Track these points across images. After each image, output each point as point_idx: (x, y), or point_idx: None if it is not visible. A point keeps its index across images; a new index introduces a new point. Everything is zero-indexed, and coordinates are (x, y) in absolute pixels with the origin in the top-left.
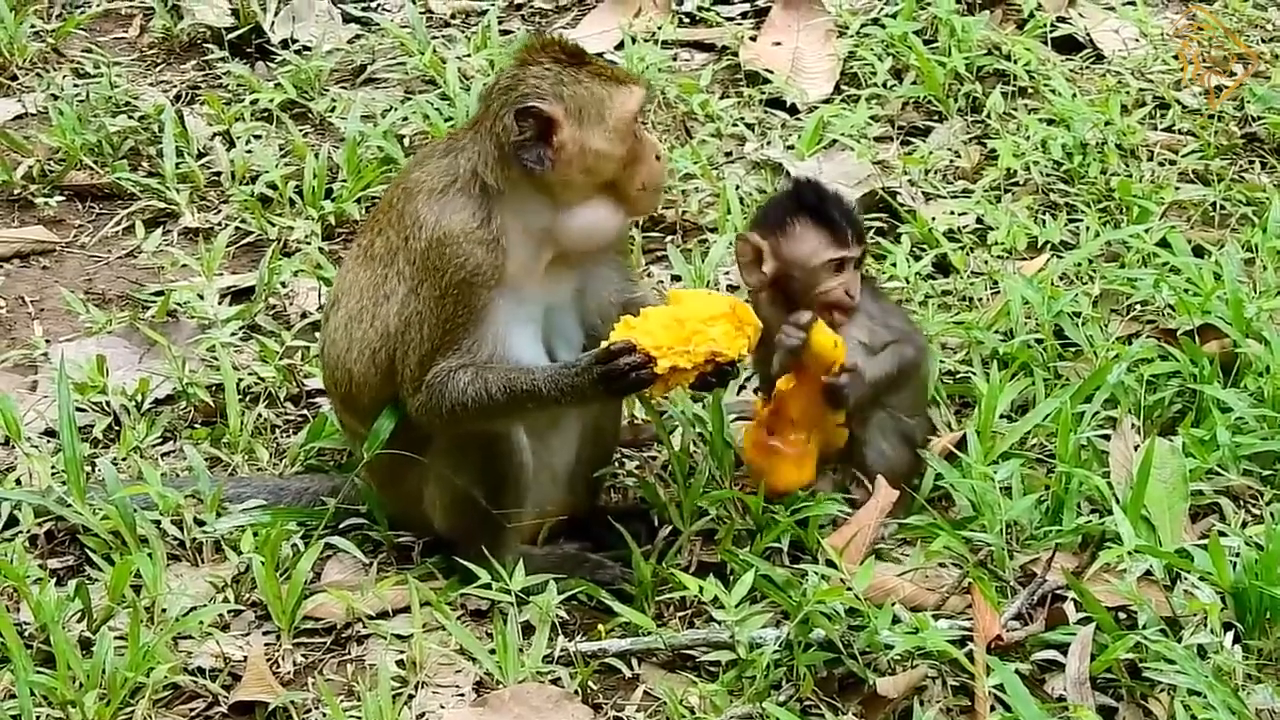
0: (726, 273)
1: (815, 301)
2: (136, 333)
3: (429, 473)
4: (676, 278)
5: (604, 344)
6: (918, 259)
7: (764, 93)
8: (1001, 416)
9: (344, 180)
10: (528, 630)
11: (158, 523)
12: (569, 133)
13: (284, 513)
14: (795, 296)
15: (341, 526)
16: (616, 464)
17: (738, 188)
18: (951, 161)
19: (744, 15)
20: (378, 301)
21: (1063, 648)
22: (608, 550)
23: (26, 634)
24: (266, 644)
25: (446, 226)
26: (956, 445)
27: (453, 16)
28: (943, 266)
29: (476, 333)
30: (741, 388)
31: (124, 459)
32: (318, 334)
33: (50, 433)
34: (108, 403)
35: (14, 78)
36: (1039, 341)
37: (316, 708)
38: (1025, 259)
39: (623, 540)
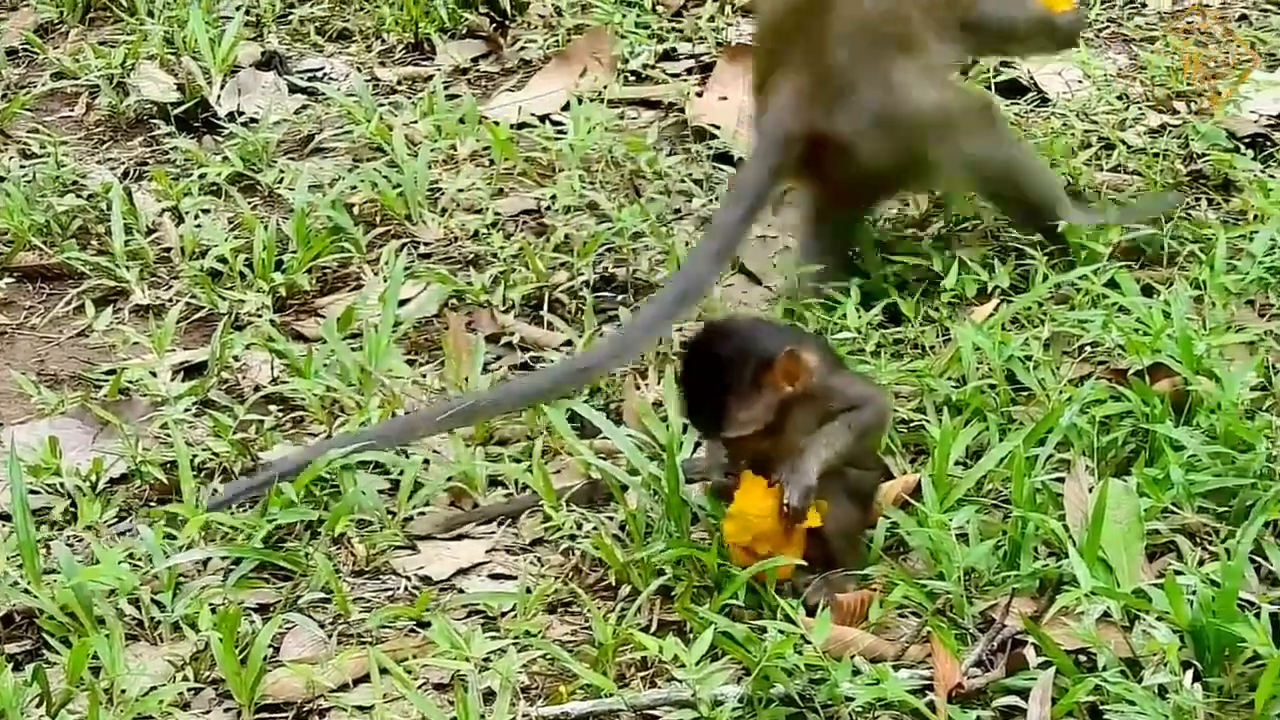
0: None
1: None
2: (89, 413)
3: None
4: None
5: None
6: (869, 308)
7: (711, 148)
8: (956, 463)
9: (294, 251)
10: (489, 697)
11: (115, 603)
12: None
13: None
14: None
15: (299, 602)
16: (574, 526)
17: (687, 244)
18: (900, 210)
19: (689, 71)
20: None
21: (1024, 693)
22: None
23: None
24: None
25: None
26: (911, 493)
27: (399, 83)
28: (894, 315)
29: None
30: (697, 444)
31: (79, 539)
32: None
33: (4, 516)
34: (62, 484)
35: None
36: (991, 387)
37: None
38: (975, 305)
39: None
